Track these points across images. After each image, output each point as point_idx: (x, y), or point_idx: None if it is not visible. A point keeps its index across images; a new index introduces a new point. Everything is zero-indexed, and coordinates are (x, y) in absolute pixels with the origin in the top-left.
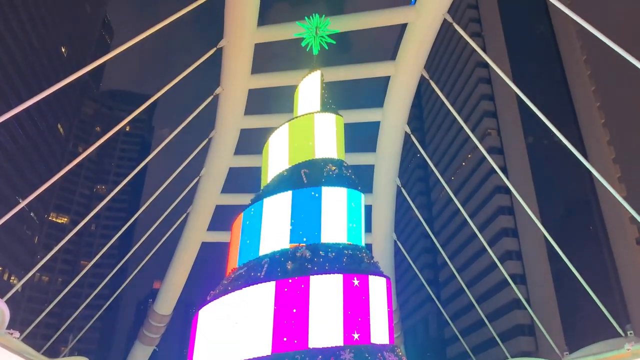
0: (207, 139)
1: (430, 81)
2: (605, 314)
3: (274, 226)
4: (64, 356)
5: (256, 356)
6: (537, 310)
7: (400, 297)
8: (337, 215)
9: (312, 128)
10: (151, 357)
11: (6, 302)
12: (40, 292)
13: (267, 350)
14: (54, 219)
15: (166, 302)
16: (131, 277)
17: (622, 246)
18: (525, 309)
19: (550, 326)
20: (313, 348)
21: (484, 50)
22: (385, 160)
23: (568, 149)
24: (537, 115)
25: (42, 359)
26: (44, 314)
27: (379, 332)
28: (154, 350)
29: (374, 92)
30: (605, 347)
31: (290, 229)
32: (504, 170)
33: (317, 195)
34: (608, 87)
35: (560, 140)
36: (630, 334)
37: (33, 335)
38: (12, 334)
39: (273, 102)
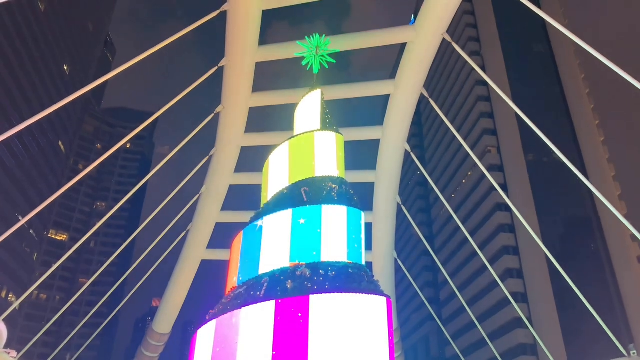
0: (207, 157)
1: (430, 100)
2: (608, 333)
3: (274, 244)
4: None
5: None
6: (538, 328)
7: (400, 316)
8: (337, 234)
9: (312, 146)
10: None
11: (3, 320)
12: (38, 309)
13: None
14: (53, 236)
15: (165, 321)
16: (129, 295)
17: (624, 264)
18: (527, 327)
19: (552, 345)
20: None
21: (483, 69)
22: (386, 178)
23: (568, 166)
24: (536, 133)
25: None
26: (41, 332)
27: (380, 352)
28: None
29: (374, 110)
30: None
31: (290, 248)
32: (504, 187)
33: (317, 213)
34: (607, 104)
35: (560, 158)
36: (634, 353)
37: (30, 355)
38: (9, 353)
39: (273, 120)
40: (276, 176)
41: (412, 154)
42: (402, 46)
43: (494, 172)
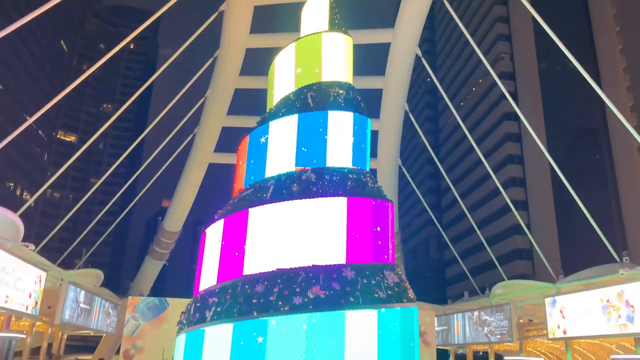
0: (212, 58)
1: (444, 0)
2: (603, 240)
3: (280, 149)
4: (78, 268)
5: (262, 271)
6: (536, 235)
7: (402, 221)
8: (343, 140)
9: (320, 49)
10: (161, 271)
11: (20, 217)
12: (52, 208)
13: (272, 266)
14: (62, 137)
15: (175, 220)
16: (140, 194)
17: (627, 176)
18: (525, 234)
19: (548, 252)
20: (316, 265)
21: None
22: (394, 84)
23: (581, 76)
24: (552, 39)
25: (57, 270)
26: (57, 227)
27: (380, 252)
28: (164, 265)
29: (384, 13)
30: (599, 272)
31: (296, 153)
32: (514, 96)
33: (323, 119)
34: (630, 12)
35: (574, 68)
36: (626, 260)
37: (48, 249)
38: (27, 246)
39: (280, 21)
40: (282, 80)
41: (423, 59)
42: None
43: (505, 80)
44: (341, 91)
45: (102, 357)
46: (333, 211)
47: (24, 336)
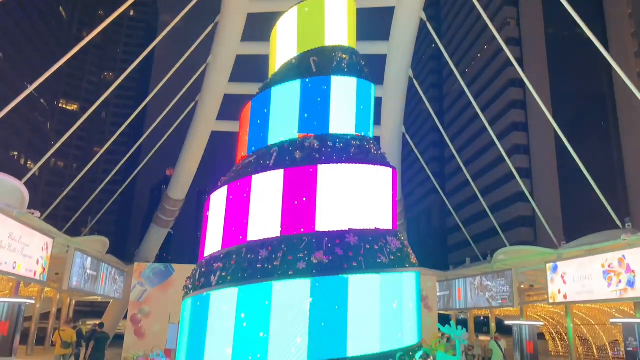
0: (213, 24)
1: None
2: (606, 207)
3: (282, 116)
4: (84, 236)
5: (266, 237)
6: (539, 203)
7: (405, 189)
8: (346, 106)
9: (322, 12)
10: (167, 239)
11: (25, 185)
12: (57, 176)
13: (276, 232)
14: (64, 106)
15: (179, 188)
16: (144, 162)
17: (633, 143)
18: (528, 201)
19: (551, 219)
20: (320, 231)
21: None
22: (399, 49)
23: (589, 42)
24: (560, 3)
25: (63, 237)
26: (63, 194)
27: (383, 219)
28: (169, 233)
29: None
30: (601, 238)
31: (299, 119)
32: (519, 62)
33: (326, 84)
34: None
35: (582, 33)
36: (629, 226)
37: (54, 217)
38: (33, 213)
39: None
40: (284, 45)
41: (428, 24)
42: None
43: (511, 46)
44: (344, 56)
45: (110, 322)
46: (336, 178)
47: (33, 302)
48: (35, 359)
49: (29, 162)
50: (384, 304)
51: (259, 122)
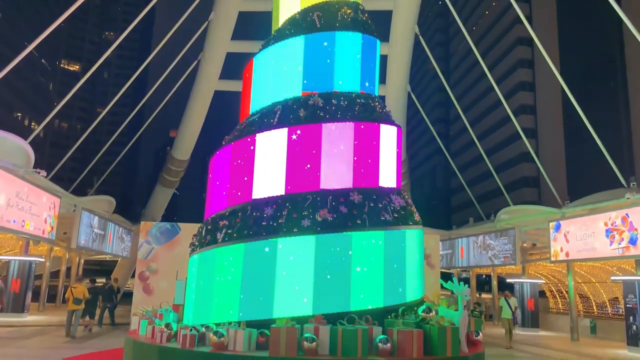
0: None
1: None
2: (611, 166)
3: (286, 73)
4: (90, 196)
5: (271, 195)
6: (544, 163)
7: (410, 149)
8: (350, 63)
9: None
10: (172, 200)
11: (30, 146)
12: (61, 138)
13: (280, 191)
14: (65, 67)
15: (183, 148)
16: (147, 122)
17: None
18: (533, 161)
19: (556, 180)
20: (324, 189)
21: None
22: (404, 5)
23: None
24: None
25: (70, 196)
26: (68, 154)
27: (387, 177)
28: (175, 194)
29: None
30: (605, 197)
31: (303, 76)
32: (528, 20)
33: (330, 41)
34: None
35: None
36: (634, 184)
37: (59, 178)
38: (39, 172)
39: None
40: (287, 0)
41: None
42: None
43: (520, 2)
44: (349, 11)
45: (119, 279)
46: (341, 136)
47: (42, 260)
48: (47, 315)
49: (33, 124)
50: (388, 260)
51: (262, 79)
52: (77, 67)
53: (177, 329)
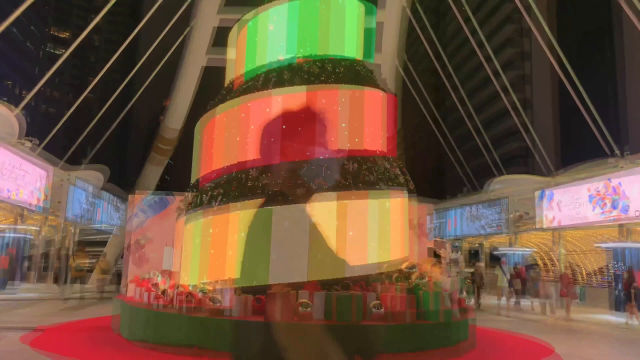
0: None
1: None
2: (605, 134)
3: (281, 39)
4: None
5: (266, 164)
6: (538, 134)
7: (410, 121)
8: (347, 29)
9: None
10: (167, 168)
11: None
12: (53, 106)
13: (275, 159)
14: (55, 33)
15: (176, 117)
16: (141, 90)
17: (636, 72)
18: (528, 132)
19: (549, 150)
20: (319, 158)
21: None
22: None
23: None
24: None
25: (63, 165)
26: (61, 122)
27: (381, 144)
28: (169, 164)
29: None
30: (596, 166)
31: (297, 42)
32: None
33: (325, 5)
34: None
35: None
36: (627, 154)
37: (52, 148)
38: (31, 140)
39: None
40: None
41: None
42: None
43: None
44: None
45: (114, 249)
46: (336, 102)
47: (37, 229)
48: (42, 284)
49: (23, 92)
50: (373, 221)
51: (256, 46)
52: (67, 34)
53: (174, 294)
